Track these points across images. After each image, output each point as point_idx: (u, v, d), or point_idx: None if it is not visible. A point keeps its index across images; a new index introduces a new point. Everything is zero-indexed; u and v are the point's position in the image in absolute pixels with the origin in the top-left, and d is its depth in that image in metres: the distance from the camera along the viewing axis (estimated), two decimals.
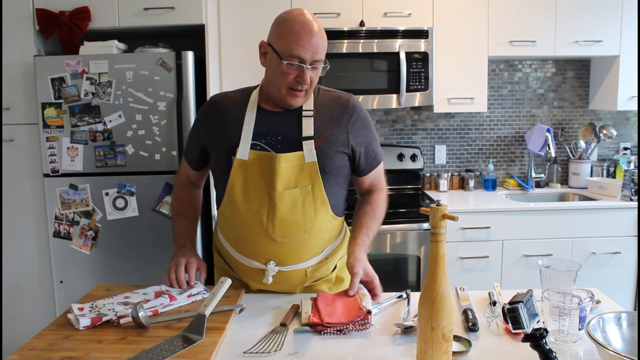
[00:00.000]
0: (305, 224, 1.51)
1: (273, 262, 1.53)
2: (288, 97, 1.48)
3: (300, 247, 1.53)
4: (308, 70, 1.44)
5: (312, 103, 1.55)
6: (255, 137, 1.50)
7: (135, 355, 1.17)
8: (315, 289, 1.62)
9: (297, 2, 2.90)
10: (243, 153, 1.49)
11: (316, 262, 1.58)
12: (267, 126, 1.52)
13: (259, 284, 1.57)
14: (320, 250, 1.59)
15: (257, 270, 1.56)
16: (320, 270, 1.61)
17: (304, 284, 1.60)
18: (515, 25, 3.07)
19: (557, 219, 2.91)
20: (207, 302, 1.36)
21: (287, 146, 1.49)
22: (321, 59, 1.47)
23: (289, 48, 1.42)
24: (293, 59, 1.42)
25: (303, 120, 1.51)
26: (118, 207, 2.65)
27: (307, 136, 1.50)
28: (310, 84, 1.47)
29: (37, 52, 2.69)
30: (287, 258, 1.54)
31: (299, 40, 1.41)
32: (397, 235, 2.82)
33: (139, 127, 2.60)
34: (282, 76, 1.45)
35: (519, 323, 1.20)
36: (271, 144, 1.50)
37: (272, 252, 1.52)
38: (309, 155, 1.48)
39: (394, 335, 1.30)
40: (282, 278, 1.56)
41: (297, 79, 1.45)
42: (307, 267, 1.57)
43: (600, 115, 3.56)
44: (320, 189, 1.51)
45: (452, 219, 1.08)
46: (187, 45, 2.79)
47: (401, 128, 3.49)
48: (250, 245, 1.54)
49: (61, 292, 2.70)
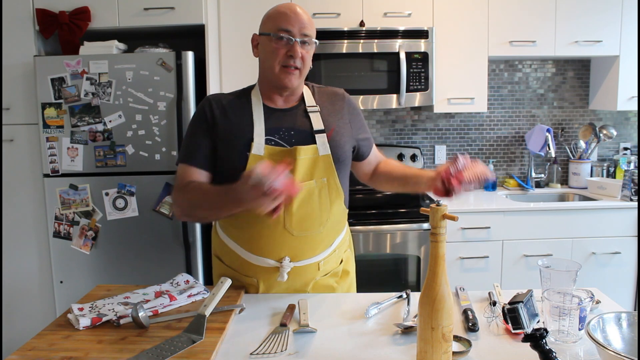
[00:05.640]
0: (322, 216, 1.53)
1: (287, 258, 1.53)
2: (282, 76, 1.50)
3: (314, 240, 1.55)
4: (298, 44, 1.48)
5: (313, 99, 1.60)
6: (268, 132, 1.51)
7: (135, 356, 1.17)
8: (324, 283, 1.62)
9: (297, 2, 2.89)
10: (258, 148, 1.49)
11: (327, 255, 1.60)
12: (278, 122, 1.54)
13: (271, 282, 1.56)
14: (331, 243, 1.61)
15: (270, 268, 1.54)
16: (329, 264, 1.63)
17: (315, 278, 1.60)
18: (515, 26, 3.07)
19: (557, 219, 2.91)
20: (207, 302, 1.36)
21: (300, 140, 1.52)
22: (310, 34, 1.51)
23: (276, 24, 1.49)
24: (282, 32, 1.48)
25: (311, 115, 1.56)
26: (118, 207, 2.65)
27: (319, 129, 1.54)
28: (303, 62, 1.51)
29: (37, 52, 2.69)
30: (301, 252, 1.54)
31: (284, 16, 1.48)
32: (397, 235, 2.82)
33: (139, 127, 2.60)
34: (273, 54, 1.49)
35: (519, 323, 1.20)
36: (285, 138, 1.52)
37: (288, 247, 1.52)
38: (322, 148, 1.52)
39: (394, 335, 1.30)
40: (295, 274, 1.56)
41: (288, 53, 1.48)
42: (319, 261, 1.58)
43: (600, 115, 3.56)
44: (335, 180, 1.55)
45: (452, 219, 1.08)
46: (187, 45, 2.80)
47: (401, 128, 3.49)
48: (265, 242, 1.52)
49: (61, 292, 2.70)
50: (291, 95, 1.58)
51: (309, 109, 1.57)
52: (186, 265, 2.67)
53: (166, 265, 2.66)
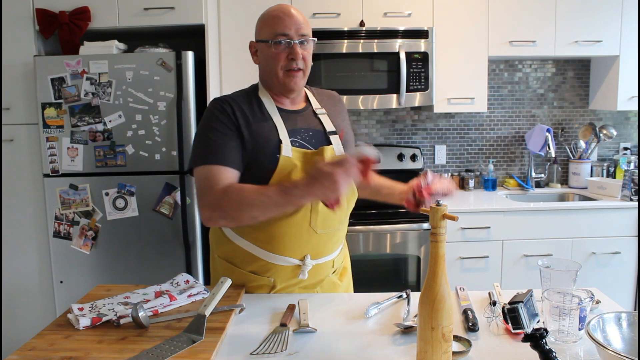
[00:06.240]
0: (341, 215, 1.57)
1: (309, 255, 1.54)
2: (287, 80, 1.50)
3: (333, 238, 1.58)
4: (297, 45, 1.48)
5: (316, 101, 1.62)
6: (289, 134, 1.51)
7: (135, 355, 1.17)
8: (331, 280, 1.65)
9: (297, 2, 2.90)
10: (287, 150, 1.48)
11: (339, 252, 1.65)
12: (295, 124, 1.54)
13: (289, 280, 1.56)
14: (342, 240, 1.66)
15: (290, 267, 1.55)
16: (339, 260, 1.67)
17: (329, 275, 1.64)
18: (515, 25, 3.07)
19: (557, 219, 2.91)
20: (207, 302, 1.36)
21: (319, 141, 1.55)
22: (307, 33, 1.51)
23: (273, 29, 1.48)
24: (280, 37, 1.48)
25: (320, 117, 1.58)
26: (118, 207, 2.65)
27: (331, 131, 1.57)
28: (305, 63, 1.51)
29: (37, 52, 2.69)
30: (322, 250, 1.57)
31: (279, 20, 1.48)
32: (397, 235, 2.82)
33: (139, 127, 2.60)
34: (274, 60, 1.49)
35: (519, 323, 1.20)
36: (306, 139, 1.54)
37: (310, 245, 1.54)
38: (337, 148, 1.55)
39: (394, 335, 1.30)
40: (314, 272, 1.58)
41: (289, 57, 1.48)
42: (334, 258, 1.63)
43: (600, 115, 3.56)
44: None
45: (452, 219, 1.08)
46: (187, 45, 2.80)
47: (401, 128, 3.49)
48: (289, 241, 1.52)
49: (61, 292, 2.70)
50: (297, 97, 1.59)
51: (317, 110, 1.60)
52: (186, 265, 2.67)
53: (166, 265, 2.66)
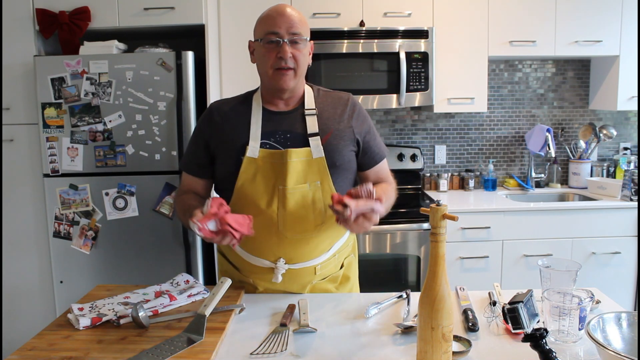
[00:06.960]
0: (315, 220, 1.52)
1: (282, 259, 1.53)
2: (276, 78, 1.51)
3: (310, 244, 1.54)
4: (287, 45, 1.48)
5: (314, 102, 1.59)
6: (264, 136, 1.52)
7: (135, 355, 1.17)
8: (321, 288, 1.62)
9: (297, 2, 2.90)
10: (253, 151, 1.50)
11: (325, 259, 1.60)
12: (275, 125, 1.54)
13: (268, 283, 1.57)
14: (329, 247, 1.60)
15: (266, 269, 1.55)
16: (328, 268, 1.62)
17: (312, 282, 1.60)
18: (515, 25, 3.07)
19: (557, 219, 2.91)
20: (207, 302, 1.36)
21: (295, 143, 1.52)
22: (299, 32, 1.50)
23: (265, 28, 1.49)
24: (269, 36, 1.48)
25: (307, 118, 1.55)
26: (118, 207, 2.65)
27: (313, 132, 1.53)
28: (297, 62, 1.50)
29: (37, 52, 2.69)
30: (296, 255, 1.54)
31: (271, 19, 1.49)
32: (397, 235, 2.82)
33: (139, 127, 2.60)
34: (265, 58, 1.50)
35: (519, 323, 1.20)
36: (280, 141, 1.53)
37: (282, 250, 1.53)
38: (316, 151, 1.52)
39: (394, 335, 1.30)
40: (291, 276, 1.56)
41: (278, 55, 1.48)
42: (316, 264, 1.58)
43: (600, 115, 3.56)
44: (329, 184, 1.53)
45: (452, 219, 1.08)
46: (187, 45, 2.79)
47: (401, 128, 3.49)
48: (260, 243, 1.54)
49: (61, 292, 2.70)
50: (291, 98, 1.58)
51: (307, 112, 1.56)
52: (186, 265, 2.67)
53: (166, 265, 2.66)
